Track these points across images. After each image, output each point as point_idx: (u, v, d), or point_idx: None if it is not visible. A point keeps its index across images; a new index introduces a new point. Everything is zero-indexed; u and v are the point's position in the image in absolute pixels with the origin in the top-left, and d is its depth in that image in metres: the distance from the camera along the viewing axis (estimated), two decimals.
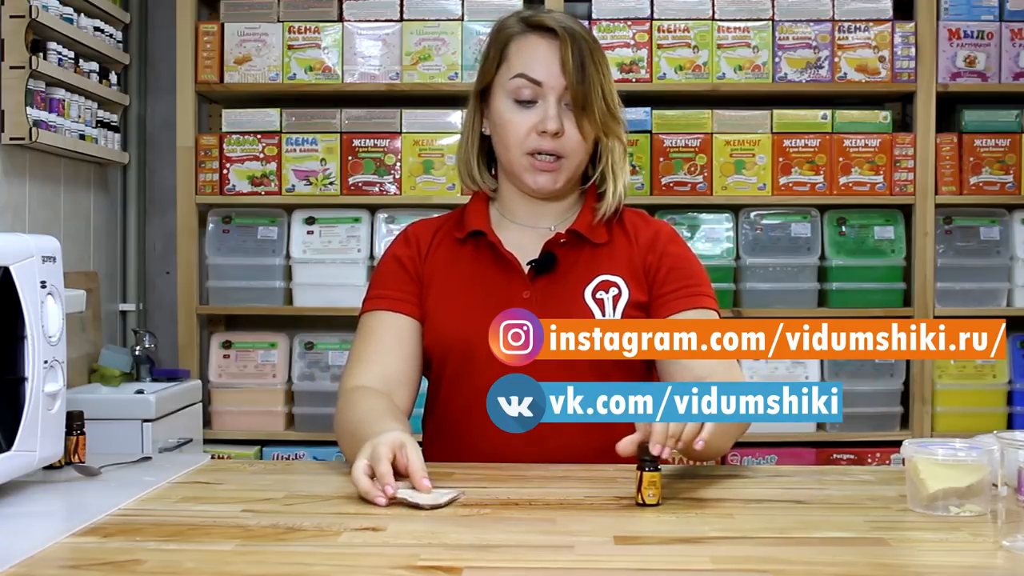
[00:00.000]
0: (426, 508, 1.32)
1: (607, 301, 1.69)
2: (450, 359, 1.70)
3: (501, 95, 1.71)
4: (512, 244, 1.72)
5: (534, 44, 1.69)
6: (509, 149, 1.70)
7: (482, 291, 1.70)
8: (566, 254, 1.71)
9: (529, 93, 1.68)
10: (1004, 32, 3.19)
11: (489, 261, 1.72)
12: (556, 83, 1.67)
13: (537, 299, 1.68)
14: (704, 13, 3.18)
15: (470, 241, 1.75)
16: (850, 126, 3.20)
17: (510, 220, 1.77)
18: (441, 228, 1.79)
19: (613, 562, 1.12)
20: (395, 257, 1.77)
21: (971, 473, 1.31)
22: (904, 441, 1.38)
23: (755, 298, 3.20)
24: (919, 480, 1.33)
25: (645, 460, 1.34)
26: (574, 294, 1.69)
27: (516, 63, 1.69)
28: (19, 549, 1.12)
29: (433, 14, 3.20)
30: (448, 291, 1.72)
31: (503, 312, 1.34)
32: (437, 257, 1.75)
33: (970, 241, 3.22)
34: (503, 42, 1.72)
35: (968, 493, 1.31)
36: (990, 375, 3.22)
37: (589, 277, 1.70)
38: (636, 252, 1.74)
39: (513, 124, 1.69)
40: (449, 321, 1.70)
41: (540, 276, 1.70)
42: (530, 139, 1.68)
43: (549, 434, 1.64)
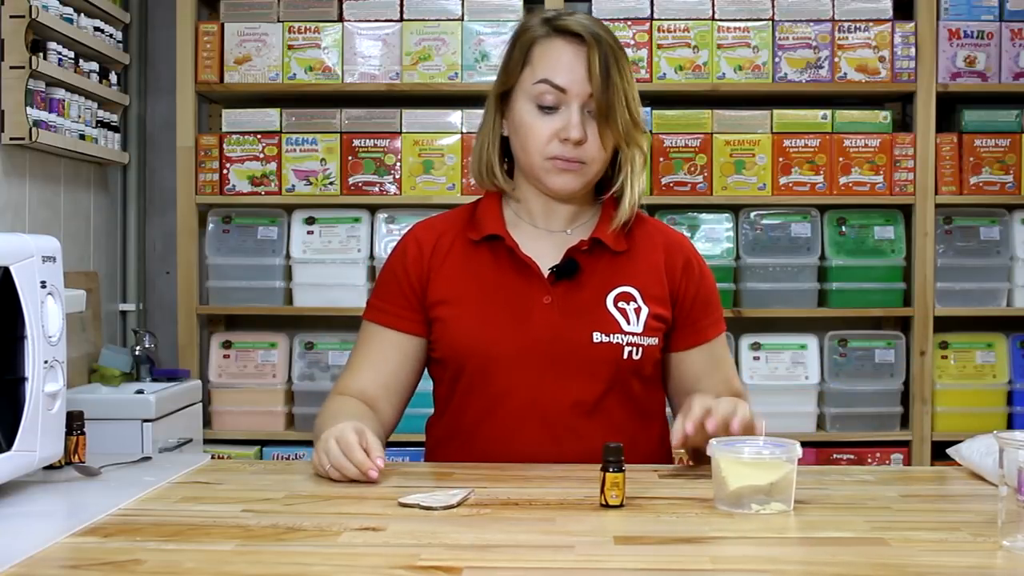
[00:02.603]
0: (438, 510, 1.31)
1: (629, 312, 1.68)
2: (468, 364, 1.68)
3: (523, 99, 1.67)
4: (529, 248, 1.70)
5: (559, 49, 1.66)
6: (529, 154, 1.67)
7: (501, 296, 1.68)
8: (587, 261, 1.70)
9: (552, 99, 1.65)
10: (1004, 32, 3.19)
11: (507, 265, 1.70)
12: (580, 90, 1.64)
13: (558, 304, 1.67)
14: (704, 13, 3.18)
15: (485, 244, 1.72)
16: (850, 126, 3.20)
17: (525, 222, 1.75)
18: (449, 229, 1.76)
19: (613, 562, 1.12)
20: (393, 271, 1.75)
21: (772, 471, 1.32)
22: (711, 440, 1.39)
23: (755, 298, 3.20)
24: (720, 478, 1.34)
25: (609, 461, 1.35)
26: (597, 301, 1.68)
27: (540, 68, 1.66)
28: (19, 549, 1.12)
29: (433, 14, 3.20)
30: (464, 296, 1.69)
31: None
32: (447, 260, 1.72)
33: (970, 241, 3.22)
34: (527, 45, 1.68)
35: (772, 491, 1.32)
36: (990, 375, 3.22)
37: (610, 286, 1.69)
38: (661, 263, 1.73)
39: (535, 130, 1.66)
40: (467, 327, 1.67)
41: (560, 281, 1.68)
42: (551, 145, 1.65)
43: (565, 436, 1.64)
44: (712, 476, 1.36)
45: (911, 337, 3.20)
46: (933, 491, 1.56)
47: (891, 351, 3.21)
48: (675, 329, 1.73)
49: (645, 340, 1.67)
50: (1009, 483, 1.17)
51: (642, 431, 1.71)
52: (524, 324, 1.65)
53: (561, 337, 1.64)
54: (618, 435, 1.67)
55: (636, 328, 1.67)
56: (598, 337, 1.65)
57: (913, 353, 3.20)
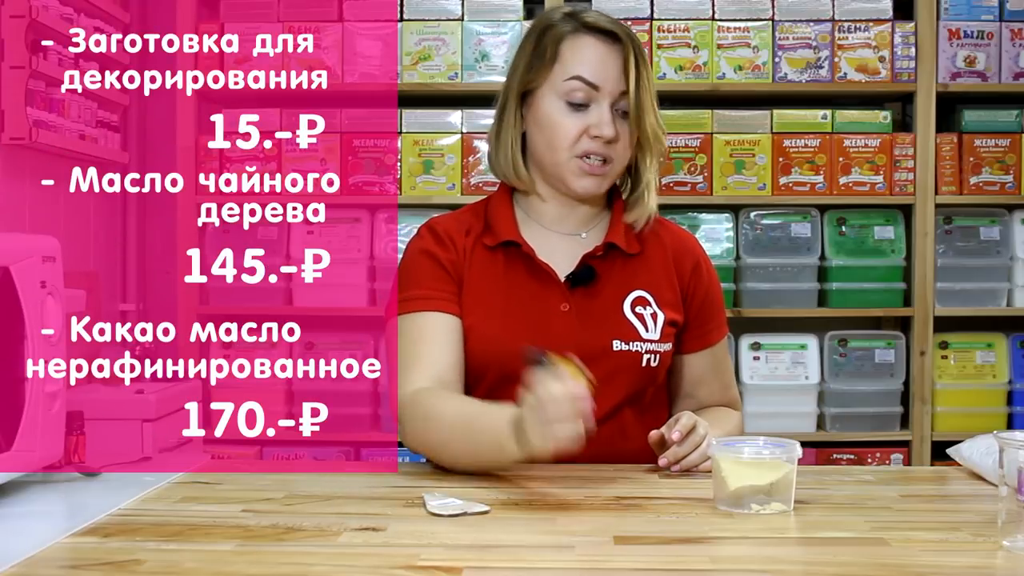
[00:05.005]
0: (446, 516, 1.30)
1: (647, 317, 1.67)
2: (489, 372, 1.65)
3: (551, 96, 1.65)
4: (544, 253, 1.68)
5: (592, 46, 1.64)
6: (556, 151, 1.65)
7: (520, 303, 1.66)
8: (602, 266, 1.68)
9: (582, 96, 1.63)
10: (1004, 32, 3.19)
11: (523, 272, 1.68)
12: (613, 88, 1.63)
13: (576, 312, 1.65)
14: (704, 13, 3.18)
15: (501, 249, 1.69)
16: (850, 126, 3.20)
17: (537, 223, 1.72)
18: (471, 230, 1.72)
19: (613, 562, 1.12)
20: (431, 255, 1.69)
21: (772, 471, 1.33)
22: (711, 440, 1.39)
23: (755, 298, 3.20)
24: (720, 478, 1.34)
25: (534, 363, 1.35)
26: (614, 308, 1.67)
27: (572, 64, 1.63)
28: (19, 549, 1.12)
29: (433, 14, 3.19)
30: (486, 303, 1.66)
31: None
32: (473, 263, 1.69)
33: (970, 241, 3.22)
34: (555, 41, 1.65)
35: (772, 491, 1.32)
36: (990, 375, 3.22)
37: (626, 291, 1.68)
38: (673, 269, 1.72)
39: (564, 127, 1.63)
40: (489, 335, 1.64)
41: (577, 288, 1.67)
42: (581, 142, 1.63)
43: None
44: (712, 476, 1.36)
45: (911, 337, 3.20)
46: (933, 491, 1.56)
47: (891, 351, 3.21)
48: (683, 331, 1.73)
49: (662, 347, 1.67)
50: (1009, 483, 1.17)
51: (645, 432, 1.71)
52: (544, 333, 1.62)
53: (582, 346, 1.58)
54: (626, 438, 1.66)
55: (654, 335, 1.66)
56: (618, 345, 1.64)
57: (913, 353, 3.19)
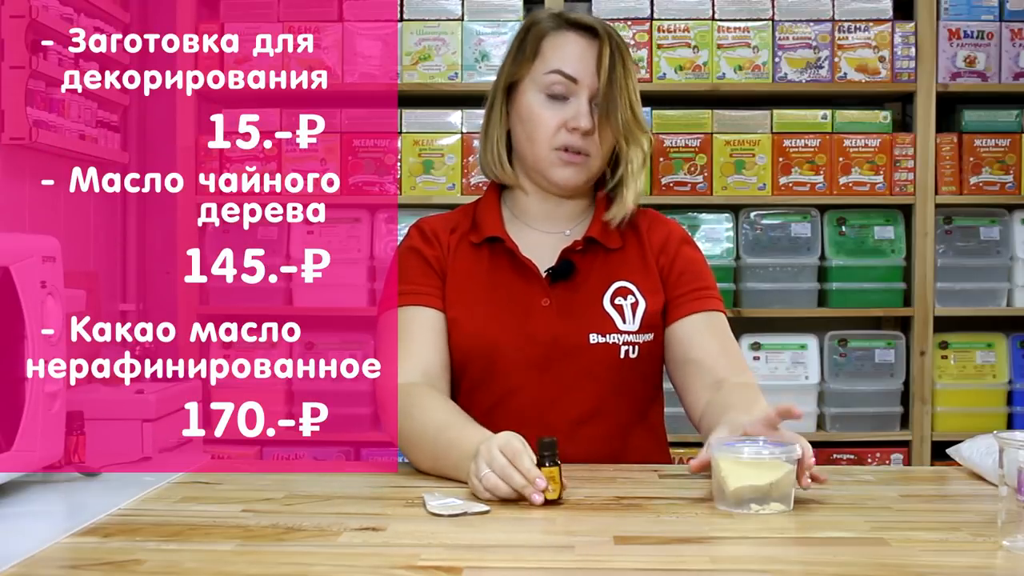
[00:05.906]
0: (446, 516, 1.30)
1: (626, 308, 1.68)
2: (471, 366, 1.68)
3: (532, 90, 1.69)
4: (528, 249, 1.71)
5: (572, 41, 1.69)
6: (536, 143, 1.68)
7: (502, 298, 1.68)
8: (582, 261, 1.70)
9: (562, 89, 1.67)
10: (1004, 32, 3.19)
11: (507, 267, 1.71)
12: (590, 81, 1.67)
13: (556, 306, 1.67)
14: (704, 13, 3.18)
15: (486, 246, 1.72)
16: (850, 126, 3.20)
17: (523, 222, 1.75)
18: (456, 228, 1.76)
19: (613, 562, 1.12)
20: (417, 251, 1.73)
21: (771, 472, 1.33)
22: (711, 440, 1.38)
23: (755, 298, 3.20)
24: (720, 478, 1.34)
25: (544, 455, 1.34)
26: (593, 301, 1.68)
27: (552, 58, 1.68)
28: (19, 549, 1.12)
29: (433, 14, 3.20)
30: (469, 297, 1.69)
31: None
32: (457, 259, 1.73)
33: (970, 241, 3.22)
34: (538, 37, 1.71)
35: (772, 491, 1.32)
36: (990, 375, 3.22)
37: (606, 284, 1.69)
38: (650, 254, 1.73)
39: (543, 119, 1.67)
40: (471, 329, 1.67)
41: (558, 283, 1.69)
42: (559, 135, 1.67)
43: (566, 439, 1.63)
44: (712, 476, 1.36)
45: (911, 337, 3.20)
46: (933, 491, 1.56)
47: (891, 351, 3.21)
48: (668, 302, 1.72)
49: (640, 338, 1.67)
50: (1009, 483, 1.17)
51: (642, 431, 1.71)
52: (525, 327, 1.66)
53: (559, 340, 1.65)
54: (618, 436, 1.67)
55: (632, 327, 1.67)
56: (594, 338, 1.65)
57: (913, 353, 3.20)
